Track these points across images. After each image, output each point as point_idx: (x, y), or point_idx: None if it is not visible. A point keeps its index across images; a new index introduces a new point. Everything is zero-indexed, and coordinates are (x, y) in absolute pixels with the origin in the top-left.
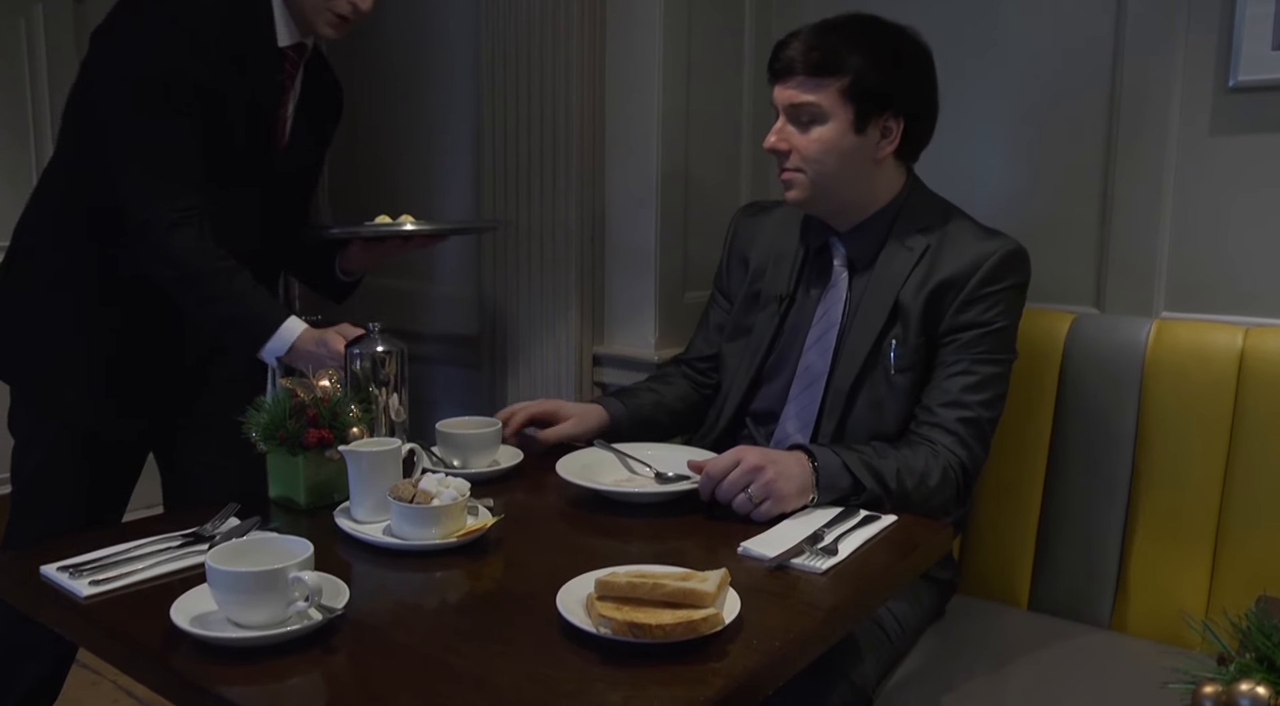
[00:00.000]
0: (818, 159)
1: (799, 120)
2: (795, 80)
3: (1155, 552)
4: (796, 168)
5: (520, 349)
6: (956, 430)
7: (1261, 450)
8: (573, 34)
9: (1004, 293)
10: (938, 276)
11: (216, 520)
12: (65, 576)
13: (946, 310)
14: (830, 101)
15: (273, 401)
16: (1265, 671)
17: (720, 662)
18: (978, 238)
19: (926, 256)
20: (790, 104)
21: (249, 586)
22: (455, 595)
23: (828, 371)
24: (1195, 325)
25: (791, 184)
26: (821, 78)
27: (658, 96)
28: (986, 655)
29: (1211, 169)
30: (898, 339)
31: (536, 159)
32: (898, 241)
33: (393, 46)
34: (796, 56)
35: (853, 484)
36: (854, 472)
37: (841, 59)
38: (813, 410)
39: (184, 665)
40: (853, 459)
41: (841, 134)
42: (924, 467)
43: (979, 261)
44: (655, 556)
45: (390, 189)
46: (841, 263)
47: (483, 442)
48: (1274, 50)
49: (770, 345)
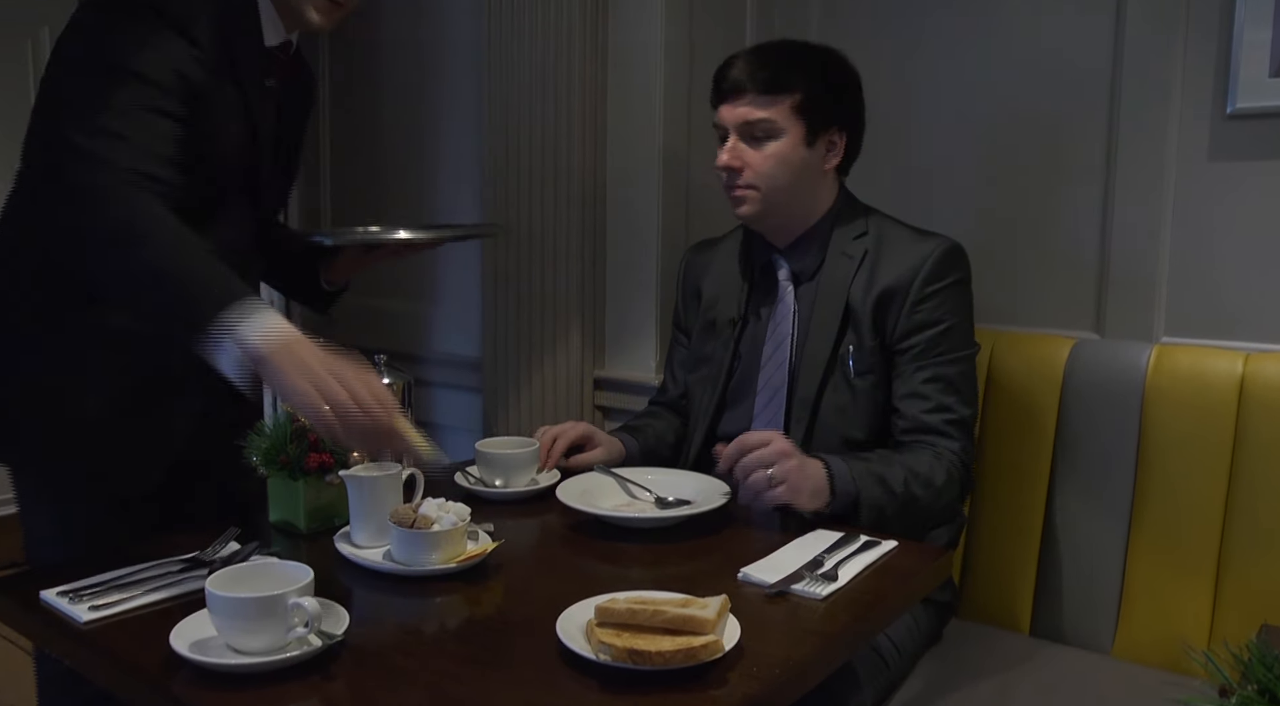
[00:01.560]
0: (771, 173)
1: (751, 137)
2: (747, 98)
3: (1157, 578)
4: (749, 185)
5: (521, 373)
6: (947, 430)
7: (1263, 476)
8: (575, 50)
9: (948, 289)
10: (881, 282)
11: (216, 545)
12: (65, 601)
13: (896, 316)
14: (783, 117)
15: (273, 426)
16: (1267, 703)
17: (720, 690)
18: (913, 240)
19: (866, 261)
20: (744, 122)
21: (249, 612)
22: (455, 620)
23: (787, 383)
24: (1195, 351)
25: (744, 200)
26: (774, 95)
27: (659, 116)
28: (986, 680)
29: (1210, 195)
30: (854, 344)
31: (539, 183)
32: (837, 249)
33: (393, 48)
34: (745, 77)
35: (857, 493)
36: (858, 481)
37: (791, 77)
38: (778, 423)
39: (183, 691)
40: (859, 468)
41: (794, 148)
42: (928, 470)
43: (918, 264)
44: (655, 582)
45: (392, 196)
46: (786, 276)
47: (522, 462)
48: (1272, 77)
49: (729, 369)
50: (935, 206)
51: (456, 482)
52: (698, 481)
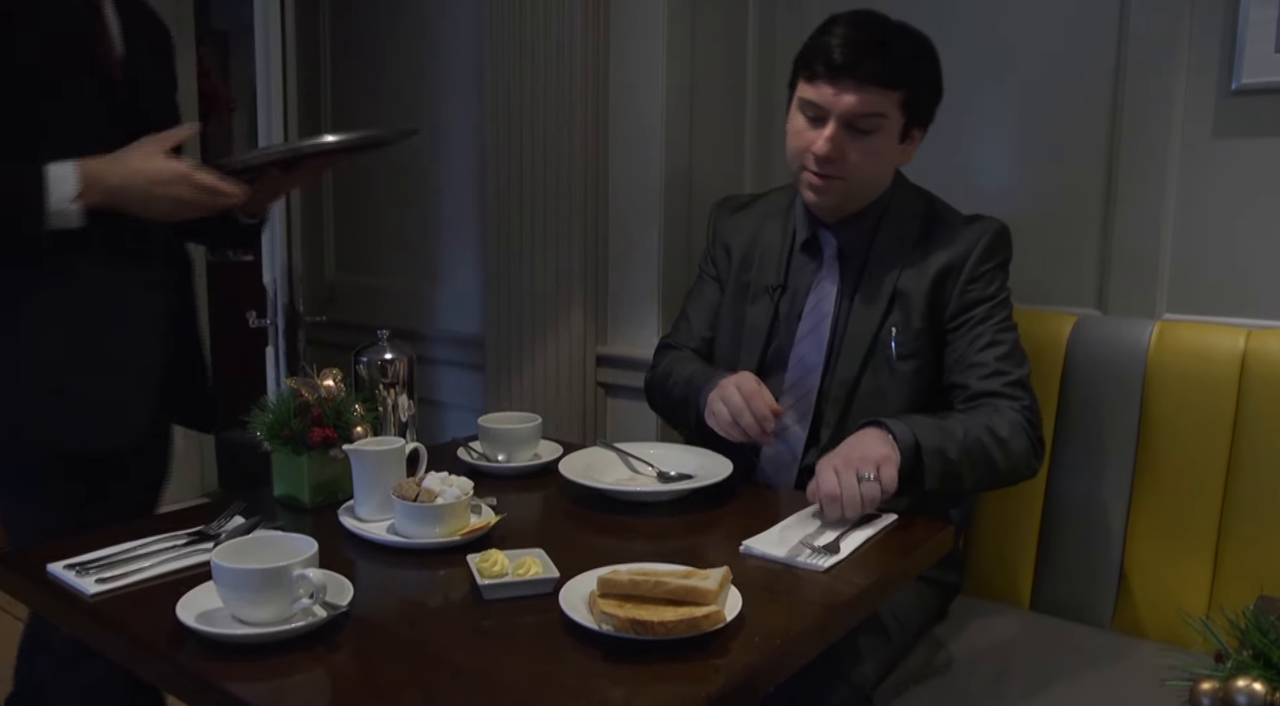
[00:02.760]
0: (866, 168)
1: (855, 127)
2: (859, 85)
3: (1157, 553)
4: (837, 175)
5: (524, 349)
6: (1006, 391)
7: (1263, 451)
8: (576, 36)
9: (999, 268)
10: (936, 263)
11: (222, 518)
12: (72, 574)
13: (950, 293)
14: (892, 112)
15: (277, 401)
16: (1262, 668)
17: (721, 659)
18: (965, 222)
19: (919, 244)
20: (853, 111)
21: (254, 584)
22: (458, 593)
23: (823, 363)
24: (1197, 327)
25: (826, 190)
26: (888, 89)
27: (661, 95)
28: (988, 655)
29: (1214, 171)
30: (898, 326)
31: (540, 159)
32: (888, 232)
33: (393, 17)
34: (860, 60)
35: (915, 441)
36: (912, 428)
37: (906, 71)
38: (809, 401)
39: (189, 661)
40: (912, 419)
41: (889, 143)
42: (989, 421)
43: (973, 242)
44: (657, 555)
45: (392, 177)
46: (833, 253)
47: (525, 437)
48: (1277, 53)
49: (768, 338)
50: (937, 183)
51: (460, 457)
52: (699, 456)
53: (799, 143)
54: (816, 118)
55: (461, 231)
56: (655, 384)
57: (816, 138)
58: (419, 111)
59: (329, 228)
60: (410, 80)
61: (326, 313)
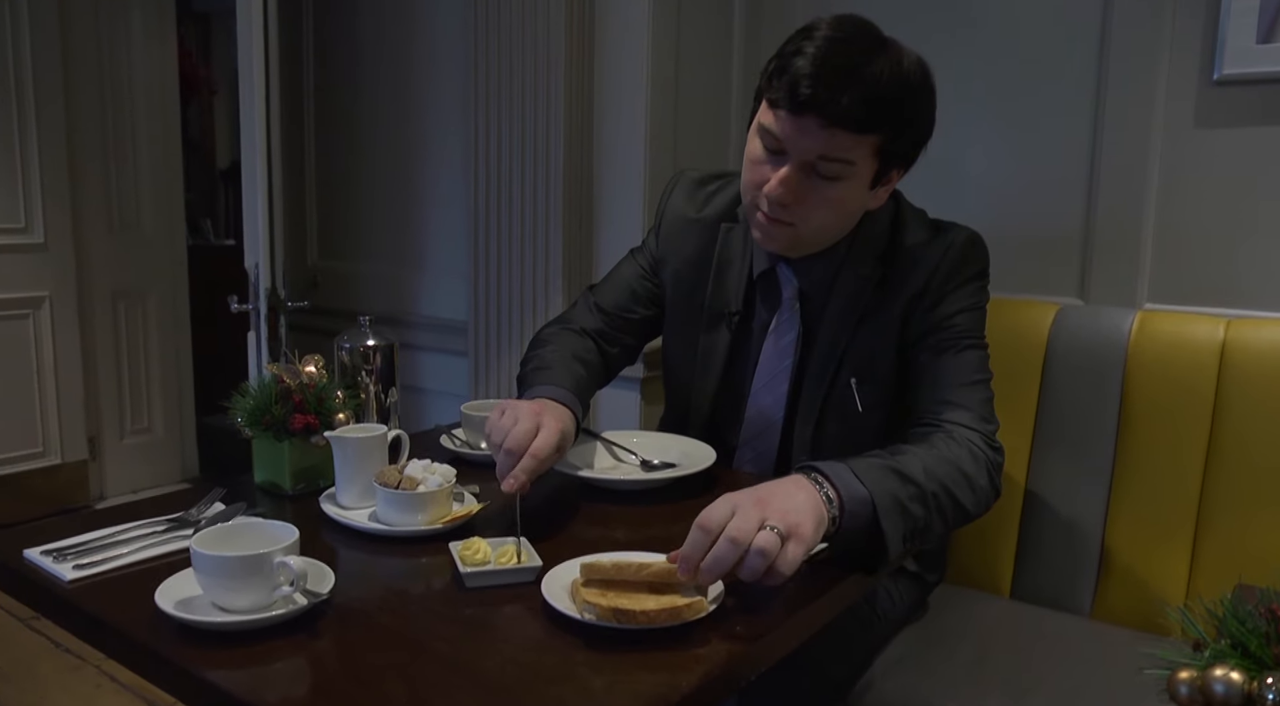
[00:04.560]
0: (823, 217)
1: (817, 171)
2: (826, 127)
3: (1136, 541)
4: (787, 221)
5: (507, 336)
6: (962, 420)
7: (1241, 440)
8: (561, 22)
9: (965, 283)
10: (899, 301)
11: (202, 505)
12: (49, 560)
13: (915, 319)
14: (862, 158)
15: (258, 387)
16: (1239, 657)
17: (703, 649)
18: (927, 241)
19: (881, 283)
20: (815, 154)
21: (234, 571)
22: (440, 581)
23: (782, 418)
24: (1178, 317)
25: (773, 237)
26: (860, 134)
27: (646, 84)
28: (967, 644)
29: (1195, 162)
30: (858, 377)
31: (526, 146)
32: (851, 269)
33: (377, 32)
34: (828, 99)
35: (870, 494)
36: (864, 480)
37: (885, 114)
38: (770, 457)
39: (168, 649)
40: (861, 464)
41: (857, 191)
42: (951, 454)
43: (935, 265)
44: (640, 543)
45: (374, 168)
46: (793, 294)
47: None
48: (1259, 44)
49: (725, 367)
50: (916, 177)
51: (442, 444)
52: (683, 444)
53: (752, 175)
54: (775, 150)
55: (446, 218)
56: (528, 350)
57: (772, 175)
58: (402, 96)
59: (312, 212)
60: (394, 65)
61: (309, 298)
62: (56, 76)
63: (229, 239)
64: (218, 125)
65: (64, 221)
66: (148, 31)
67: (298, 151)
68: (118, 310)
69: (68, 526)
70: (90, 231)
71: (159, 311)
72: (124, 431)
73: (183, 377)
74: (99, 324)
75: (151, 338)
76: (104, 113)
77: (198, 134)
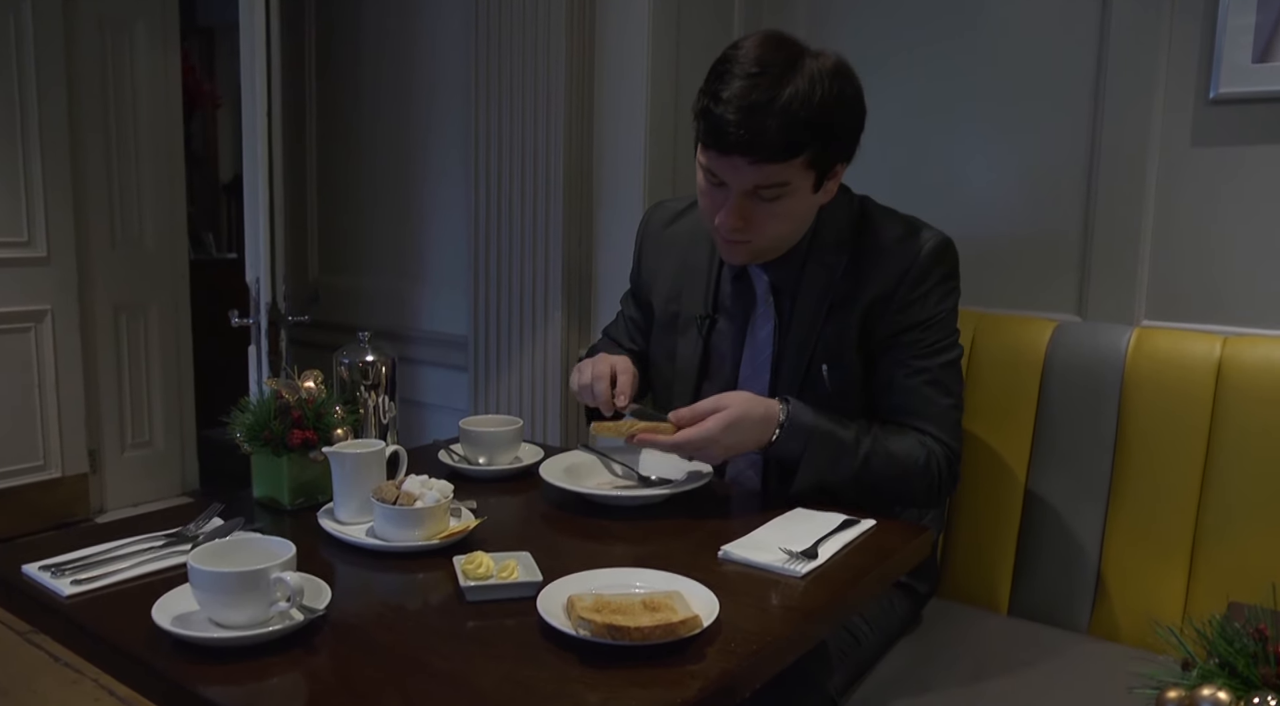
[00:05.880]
0: (779, 230)
1: (761, 196)
2: (755, 164)
3: (1133, 559)
4: (744, 240)
5: (507, 351)
6: (929, 429)
7: (1238, 458)
8: (561, 39)
9: (935, 287)
10: (868, 293)
11: (199, 520)
12: (47, 575)
13: (881, 320)
14: (796, 175)
15: (258, 402)
16: (1227, 676)
17: (698, 665)
18: (897, 240)
19: (848, 272)
20: (756, 185)
21: (231, 586)
22: (437, 597)
23: None
24: (1175, 334)
25: (737, 253)
26: (788, 161)
27: (645, 95)
28: (963, 660)
29: (1192, 180)
30: (829, 363)
31: (526, 161)
32: (816, 261)
33: (379, 46)
34: (748, 139)
35: (811, 430)
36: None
37: (803, 137)
38: None
39: (165, 664)
40: (824, 418)
41: (804, 199)
42: (905, 449)
43: (905, 266)
44: (637, 559)
45: (378, 190)
46: (765, 290)
47: (505, 440)
48: (1255, 63)
49: (700, 370)
50: (915, 192)
51: (440, 460)
52: (680, 460)
53: (704, 202)
54: (716, 183)
55: (447, 234)
56: None
57: (720, 204)
58: (403, 111)
59: (313, 227)
60: (395, 80)
61: (310, 312)
62: (60, 90)
63: (231, 252)
64: (221, 139)
65: (66, 235)
66: (152, 45)
67: (299, 166)
68: (119, 323)
69: (65, 541)
70: (92, 245)
71: (160, 325)
72: (124, 444)
73: (184, 391)
74: (100, 337)
75: (153, 351)
76: (107, 126)
77: (201, 147)
